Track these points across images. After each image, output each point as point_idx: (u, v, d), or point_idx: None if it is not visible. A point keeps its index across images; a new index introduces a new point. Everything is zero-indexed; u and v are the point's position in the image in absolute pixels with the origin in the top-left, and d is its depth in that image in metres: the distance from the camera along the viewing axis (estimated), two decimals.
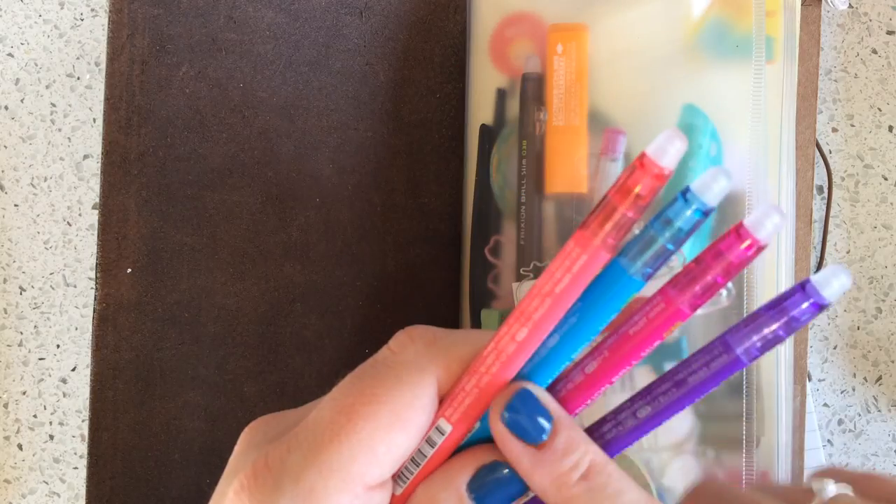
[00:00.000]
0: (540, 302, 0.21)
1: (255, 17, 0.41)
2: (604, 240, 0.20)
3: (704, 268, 0.20)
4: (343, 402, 0.21)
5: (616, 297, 0.21)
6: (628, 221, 0.20)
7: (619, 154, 0.38)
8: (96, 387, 0.41)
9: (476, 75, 0.40)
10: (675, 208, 0.19)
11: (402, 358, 0.22)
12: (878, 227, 0.45)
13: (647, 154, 0.19)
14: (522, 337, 0.21)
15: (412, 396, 0.21)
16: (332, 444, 0.21)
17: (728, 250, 0.19)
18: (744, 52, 0.37)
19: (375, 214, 0.41)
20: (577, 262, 0.20)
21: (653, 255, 0.20)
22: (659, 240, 0.20)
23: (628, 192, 0.19)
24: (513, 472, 0.22)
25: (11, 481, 0.46)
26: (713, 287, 0.20)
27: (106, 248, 0.41)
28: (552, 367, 0.22)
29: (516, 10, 0.39)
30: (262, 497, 0.21)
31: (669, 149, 0.19)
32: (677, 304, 0.20)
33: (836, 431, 0.44)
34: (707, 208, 0.19)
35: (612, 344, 0.21)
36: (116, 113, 0.41)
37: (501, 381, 0.21)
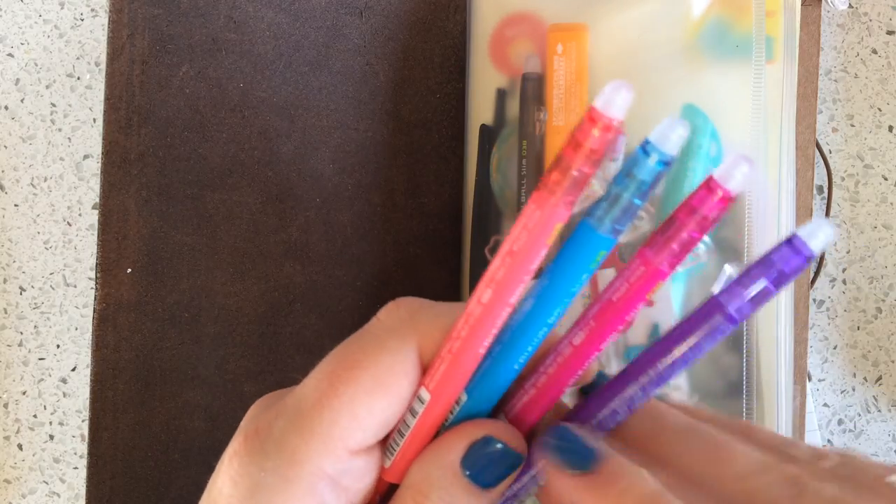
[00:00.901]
0: (501, 262, 0.21)
1: (255, 17, 0.41)
2: (561, 196, 0.20)
3: (679, 225, 0.20)
4: (326, 369, 0.22)
5: (586, 256, 0.21)
6: (583, 176, 0.20)
7: (620, 154, 0.38)
8: (96, 387, 0.41)
9: (476, 75, 0.40)
10: (636, 161, 0.20)
11: (385, 325, 0.23)
12: (878, 227, 0.45)
13: (594, 107, 0.19)
14: (487, 298, 0.21)
15: (392, 361, 0.22)
16: (315, 408, 0.21)
17: (700, 204, 0.20)
18: (744, 52, 0.37)
19: (375, 214, 0.41)
20: (533, 219, 0.20)
21: (620, 211, 0.20)
22: (624, 195, 0.20)
23: (580, 146, 0.19)
24: (506, 447, 0.22)
25: (11, 481, 0.46)
26: (689, 243, 0.20)
27: (106, 248, 0.41)
28: (530, 331, 0.22)
29: (516, 10, 0.39)
30: (249, 460, 0.21)
31: (616, 99, 0.19)
32: (655, 263, 0.20)
33: (836, 431, 0.44)
34: (668, 158, 0.19)
35: (597, 312, 0.21)
36: (116, 113, 0.41)
37: (473, 344, 0.21)
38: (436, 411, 0.22)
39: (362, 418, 0.21)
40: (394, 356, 0.22)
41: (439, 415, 0.22)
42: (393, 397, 0.22)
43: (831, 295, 0.45)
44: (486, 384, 0.22)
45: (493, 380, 0.22)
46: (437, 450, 0.22)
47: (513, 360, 0.22)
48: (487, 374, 0.22)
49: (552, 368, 0.22)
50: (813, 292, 0.44)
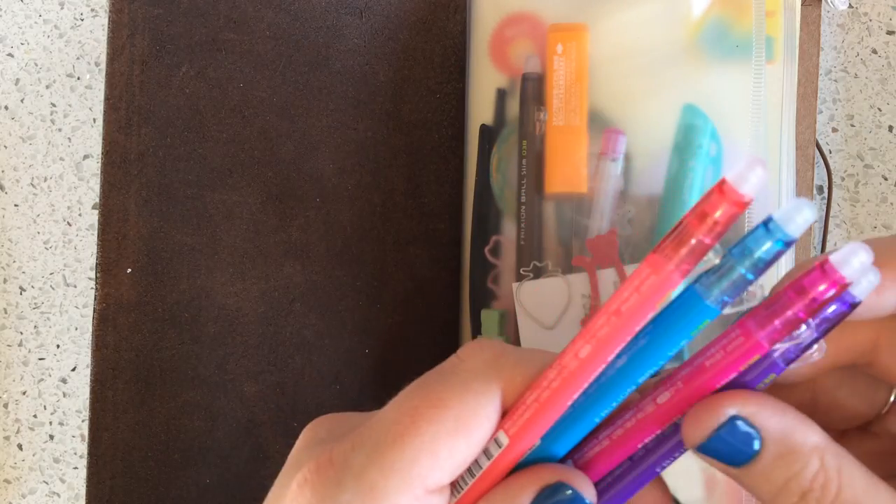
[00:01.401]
0: (606, 321, 0.20)
1: (255, 17, 0.41)
2: (677, 264, 0.19)
3: (786, 302, 0.19)
4: (408, 404, 0.21)
5: (689, 323, 0.20)
6: (703, 247, 0.19)
7: (619, 154, 0.38)
8: (96, 387, 0.41)
9: (476, 75, 0.40)
10: (756, 237, 0.19)
11: (469, 366, 0.23)
12: (878, 227, 0.45)
13: (727, 180, 0.19)
14: (585, 354, 0.21)
15: (477, 404, 0.21)
16: (396, 444, 0.21)
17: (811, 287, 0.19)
18: (744, 52, 0.37)
19: (375, 214, 0.41)
20: (646, 283, 0.20)
21: (730, 284, 0.20)
22: (737, 268, 0.19)
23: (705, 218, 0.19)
24: (577, 493, 0.21)
25: (11, 481, 0.46)
26: (794, 322, 0.19)
27: (106, 248, 0.41)
28: (618, 388, 0.21)
29: (516, 10, 0.39)
30: (324, 491, 0.21)
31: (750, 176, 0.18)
32: (756, 337, 0.20)
33: None
34: (789, 239, 0.19)
35: (686, 375, 0.21)
36: (116, 113, 0.41)
37: (562, 397, 0.21)
38: (511, 456, 0.22)
39: (442, 458, 0.21)
40: (478, 399, 0.21)
41: (513, 459, 0.22)
42: (473, 439, 0.21)
43: None
44: (562, 433, 0.22)
45: (571, 430, 0.22)
46: (507, 490, 0.22)
47: (595, 414, 0.22)
48: (566, 424, 0.22)
49: (630, 423, 0.22)
50: None
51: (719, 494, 0.37)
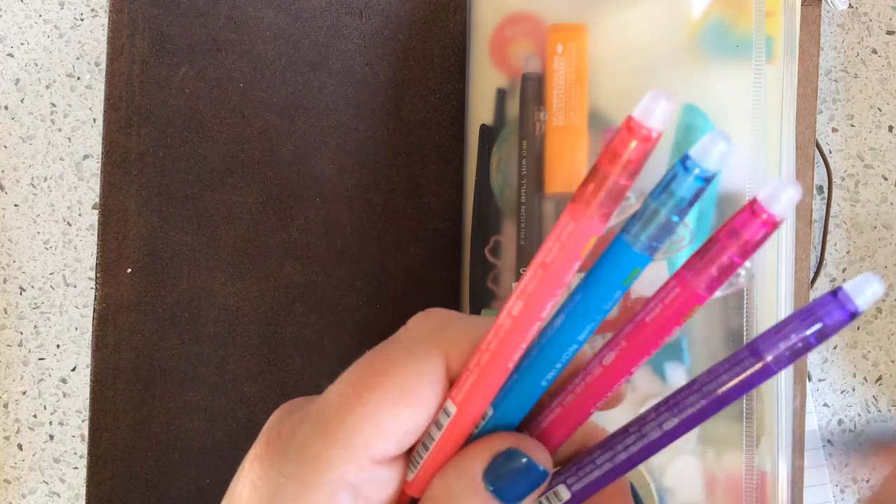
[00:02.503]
0: (533, 274, 0.20)
1: (255, 17, 0.41)
2: (596, 208, 0.19)
3: (720, 248, 0.19)
4: (353, 375, 0.21)
5: (620, 272, 0.20)
6: (619, 188, 0.19)
7: None
8: (96, 387, 0.41)
9: (476, 75, 0.40)
10: (675, 176, 0.19)
11: (412, 333, 0.23)
12: (878, 227, 0.45)
13: (633, 117, 0.18)
14: (518, 311, 0.20)
15: (419, 370, 0.21)
16: (339, 415, 0.21)
17: (743, 227, 0.18)
18: (744, 52, 0.37)
19: (375, 214, 0.41)
20: (566, 231, 0.19)
21: (657, 228, 0.19)
22: (662, 211, 0.19)
23: (617, 157, 0.18)
24: (531, 462, 0.21)
25: (11, 481, 0.46)
26: (730, 267, 0.19)
27: (106, 248, 0.41)
28: (559, 347, 0.21)
29: (516, 10, 0.39)
30: (270, 464, 0.21)
31: (656, 109, 0.18)
32: (693, 286, 0.19)
33: (836, 431, 0.44)
34: (708, 174, 0.18)
35: (629, 333, 0.21)
36: (116, 113, 0.41)
37: (502, 358, 0.21)
38: (461, 424, 0.22)
39: (386, 427, 0.21)
40: (420, 365, 0.21)
41: (465, 428, 0.22)
42: (418, 407, 0.21)
43: None
44: (512, 399, 0.22)
45: (519, 395, 0.22)
46: (460, 462, 0.22)
47: (540, 376, 0.21)
48: (514, 389, 0.22)
49: (580, 388, 0.22)
50: (813, 292, 0.44)
51: (719, 495, 0.37)
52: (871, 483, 0.44)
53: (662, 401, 0.21)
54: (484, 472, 0.21)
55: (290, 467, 0.21)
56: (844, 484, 0.44)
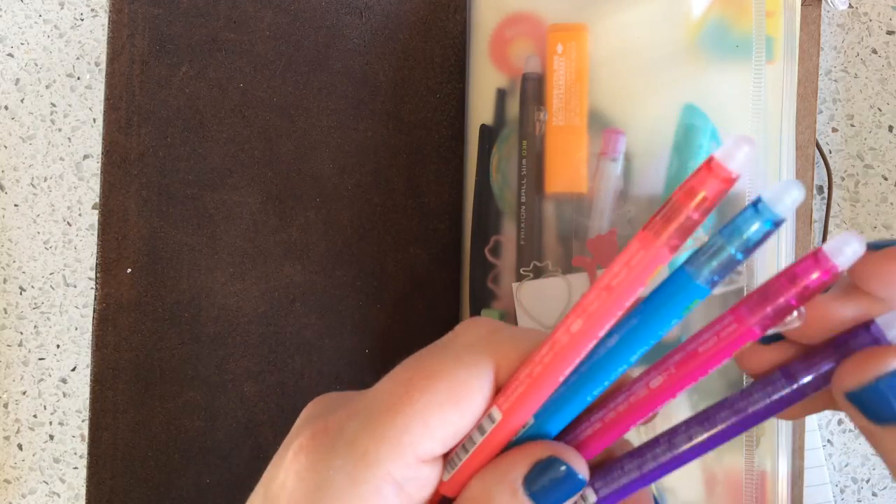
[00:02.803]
0: (596, 296, 0.21)
1: (255, 17, 0.41)
2: (666, 240, 0.20)
3: (778, 289, 0.20)
4: (402, 376, 0.22)
5: (680, 302, 0.21)
6: (691, 224, 0.20)
7: (619, 154, 0.38)
8: (96, 387, 0.41)
9: (476, 75, 0.40)
10: (746, 218, 0.19)
11: (463, 340, 0.23)
12: (878, 227, 0.45)
13: (715, 157, 0.19)
14: (577, 329, 0.21)
15: (468, 375, 0.22)
16: (388, 413, 0.21)
17: (804, 274, 0.19)
18: (744, 52, 0.37)
19: (375, 214, 0.41)
20: (636, 258, 0.20)
21: (720, 264, 0.20)
22: (727, 248, 0.20)
23: (694, 194, 0.19)
24: (571, 470, 0.22)
25: (11, 481, 0.46)
26: (785, 309, 0.20)
27: (106, 248, 0.41)
28: (610, 367, 0.22)
29: (516, 10, 0.39)
30: (318, 456, 0.22)
31: (737, 153, 0.19)
32: (748, 324, 0.20)
33: (836, 431, 0.44)
34: (778, 219, 0.19)
35: (680, 360, 0.21)
36: (116, 113, 0.41)
37: (554, 372, 0.22)
38: (504, 431, 0.22)
39: (434, 428, 0.21)
40: (470, 371, 0.22)
41: (507, 435, 0.22)
42: (465, 411, 0.22)
43: None
44: (555, 411, 0.22)
45: (563, 408, 0.22)
46: (500, 466, 0.22)
47: (587, 392, 0.22)
48: (559, 402, 0.22)
49: (623, 407, 0.22)
50: None
51: (719, 494, 0.37)
52: (870, 482, 0.44)
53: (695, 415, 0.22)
54: (524, 479, 0.22)
55: (339, 461, 0.21)
56: (844, 484, 0.44)
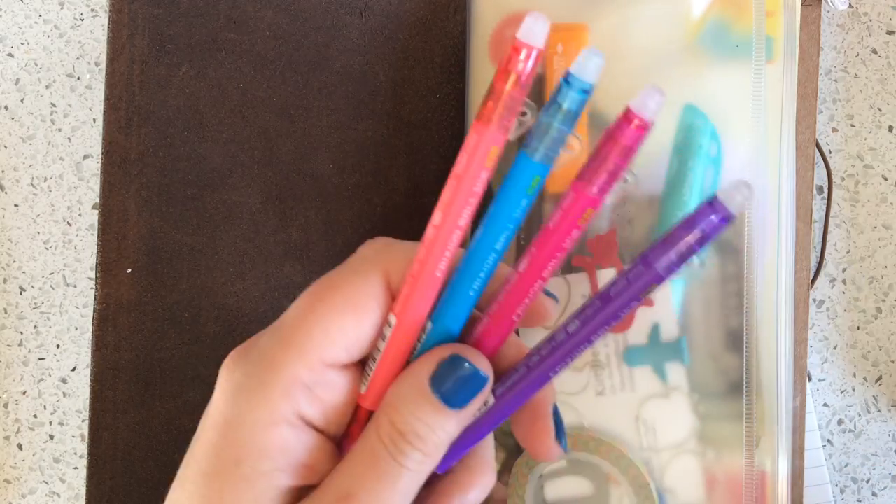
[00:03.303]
0: (448, 186, 0.23)
1: (255, 17, 0.41)
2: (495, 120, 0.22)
3: (604, 155, 0.22)
4: (308, 292, 0.25)
5: (523, 181, 0.23)
6: (514, 100, 0.22)
7: None
8: (96, 387, 0.41)
9: (476, 75, 0.40)
10: (561, 92, 0.22)
11: (359, 255, 0.26)
12: (878, 227, 0.45)
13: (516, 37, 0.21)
14: (438, 220, 0.23)
15: (362, 283, 0.24)
16: (293, 324, 0.24)
17: (620, 134, 0.21)
18: (744, 52, 0.37)
19: (375, 214, 0.41)
20: (471, 143, 0.22)
21: (551, 140, 0.22)
22: (553, 124, 0.22)
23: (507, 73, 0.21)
24: (473, 367, 0.23)
25: (11, 481, 0.46)
26: (615, 171, 0.22)
27: (106, 248, 0.41)
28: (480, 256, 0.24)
29: (516, 10, 0.39)
30: (234, 368, 0.24)
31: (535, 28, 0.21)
32: (586, 192, 0.22)
33: (836, 431, 0.44)
34: (587, 87, 0.22)
35: (537, 240, 0.23)
36: (116, 113, 0.41)
37: (428, 267, 0.23)
38: (403, 334, 0.24)
39: (333, 333, 0.23)
40: (363, 280, 0.24)
41: (407, 338, 0.24)
42: (362, 316, 0.24)
43: (831, 295, 0.45)
44: (447, 311, 0.24)
45: (453, 306, 0.24)
46: (409, 372, 0.24)
47: (467, 285, 0.24)
48: (447, 301, 0.24)
49: (502, 297, 0.24)
50: (813, 292, 0.44)
51: (719, 495, 0.37)
52: (870, 482, 0.44)
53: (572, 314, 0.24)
54: (430, 379, 0.23)
55: (251, 367, 0.24)
56: (844, 484, 0.44)
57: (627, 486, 0.37)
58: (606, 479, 0.38)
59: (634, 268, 0.22)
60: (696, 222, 0.21)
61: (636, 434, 0.38)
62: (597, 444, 0.38)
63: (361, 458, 0.23)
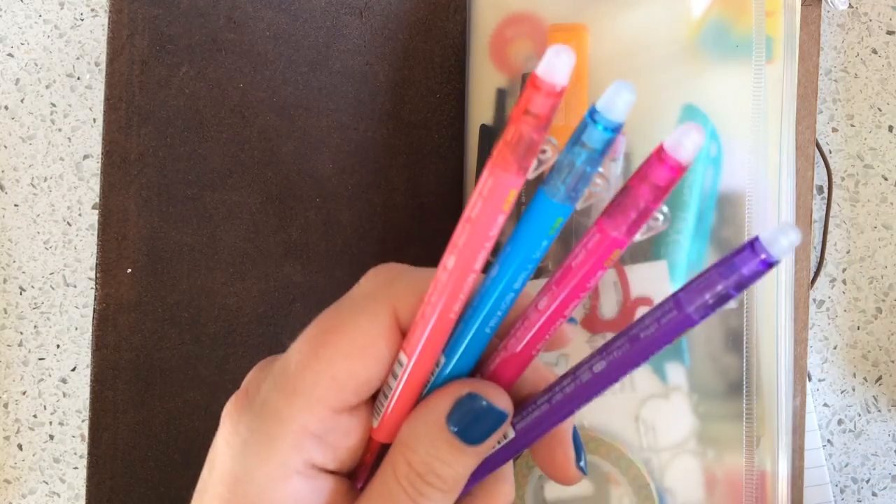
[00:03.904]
0: (461, 229, 0.22)
1: (255, 17, 0.41)
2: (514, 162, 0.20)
3: (634, 195, 0.20)
4: (310, 333, 0.23)
5: (543, 221, 0.21)
6: (533, 142, 0.20)
7: (620, 154, 0.38)
8: (96, 387, 0.41)
9: (476, 75, 0.40)
10: (585, 130, 0.20)
11: (363, 290, 0.24)
12: (878, 227, 0.45)
13: (536, 73, 0.19)
14: (451, 264, 0.22)
15: (369, 325, 0.23)
16: (297, 370, 0.22)
17: (653, 174, 0.20)
18: (744, 52, 0.37)
19: (375, 214, 0.41)
20: (487, 186, 0.21)
21: (574, 179, 0.21)
22: (577, 162, 0.20)
23: (526, 113, 0.20)
24: (490, 404, 0.23)
25: (11, 481, 0.46)
26: (645, 212, 0.20)
27: (106, 248, 0.41)
28: (496, 295, 0.23)
29: (516, 10, 0.39)
30: (238, 419, 0.23)
31: (558, 64, 0.19)
32: (611, 232, 0.21)
33: (836, 431, 0.44)
34: (615, 125, 0.20)
35: (557, 278, 0.22)
36: (116, 113, 0.41)
37: (444, 309, 0.22)
38: (415, 373, 0.23)
39: (342, 379, 0.22)
40: (371, 320, 0.23)
41: (419, 377, 0.23)
42: (370, 359, 0.23)
43: (831, 295, 0.45)
44: (461, 347, 0.23)
45: (467, 343, 0.23)
46: (424, 408, 0.23)
47: (484, 323, 0.23)
48: (462, 338, 0.23)
49: (520, 331, 0.23)
50: (813, 292, 0.44)
51: (719, 495, 0.37)
52: (870, 482, 0.44)
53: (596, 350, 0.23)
54: (447, 416, 0.22)
55: (256, 422, 0.22)
56: (844, 484, 0.44)
57: (627, 486, 0.37)
58: (606, 480, 0.38)
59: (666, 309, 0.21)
60: (735, 265, 0.19)
61: (636, 434, 0.38)
62: (597, 444, 0.38)
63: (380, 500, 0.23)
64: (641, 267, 0.37)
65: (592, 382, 0.22)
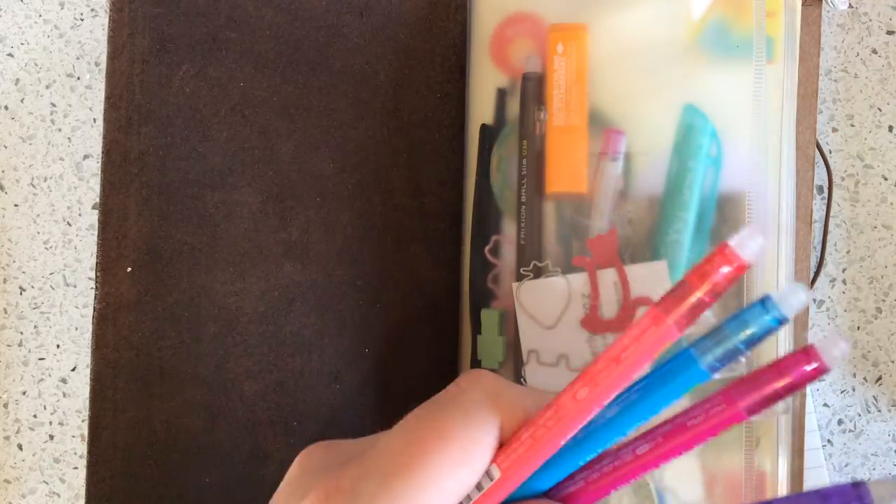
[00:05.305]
0: (604, 365, 0.21)
1: (255, 16, 0.41)
2: (677, 319, 0.21)
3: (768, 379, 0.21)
4: (415, 434, 0.22)
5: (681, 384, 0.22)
6: (702, 305, 0.21)
7: (620, 154, 0.38)
8: (96, 387, 0.41)
9: (476, 75, 0.40)
10: (753, 313, 0.20)
11: (471, 396, 0.23)
12: (878, 227, 0.45)
13: (728, 244, 0.20)
14: (583, 397, 0.22)
15: (480, 435, 0.22)
16: (404, 474, 0.21)
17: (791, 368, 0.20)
18: (744, 52, 0.37)
19: (375, 214, 0.41)
20: (646, 334, 0.21)
21: (724, 352, 0.21)
22: (733, 339, 0.21)
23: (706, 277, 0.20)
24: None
25: (11, 481, 0.46)
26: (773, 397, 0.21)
27: (106, 248, 0.41)
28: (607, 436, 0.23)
29: (516, 10, 0.39)
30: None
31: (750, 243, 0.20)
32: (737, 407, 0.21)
33: (836, 431, 0.44)
34: (783, 318, 0.20)
35: (668, 432, 0.22)
36: (116, 112, 0.41)
37: (557, 436, 0.22)
38: (501, 490, 0.23)
39: (448, 489, 0.22)
40: (480, 429, 0.22)
41: (503, 493, 0.23)
42: (476, 470, 0.22)
43: (831, 295, 0.45)
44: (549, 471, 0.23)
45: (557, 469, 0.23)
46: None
47: (581, 457, 0.23)
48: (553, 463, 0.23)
49: (608, 470, 0.23)
50: (813, 292, 0.44)
51: (719, 494, 0.37)
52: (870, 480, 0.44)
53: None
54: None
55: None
56: None
57: (627, 486, 0.37)
58: None
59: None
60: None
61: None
62: None
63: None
64: (641, 267, 0.37)
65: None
